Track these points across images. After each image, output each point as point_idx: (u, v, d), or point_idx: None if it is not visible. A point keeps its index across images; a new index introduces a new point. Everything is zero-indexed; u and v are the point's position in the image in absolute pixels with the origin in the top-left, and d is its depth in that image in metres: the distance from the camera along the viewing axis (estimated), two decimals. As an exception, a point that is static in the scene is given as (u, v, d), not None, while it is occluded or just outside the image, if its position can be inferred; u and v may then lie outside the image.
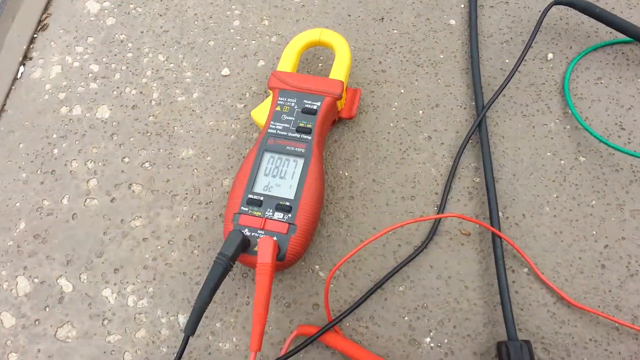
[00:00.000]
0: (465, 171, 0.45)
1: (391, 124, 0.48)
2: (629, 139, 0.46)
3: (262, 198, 0.40)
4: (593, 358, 0.38)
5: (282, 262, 0.38)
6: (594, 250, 0.41)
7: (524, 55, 0.47)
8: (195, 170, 0.46)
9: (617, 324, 0.39)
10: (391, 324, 0.40)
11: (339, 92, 0.44)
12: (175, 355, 0.36)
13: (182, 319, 0.41)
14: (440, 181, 0.45)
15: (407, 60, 0.51)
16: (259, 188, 0.40)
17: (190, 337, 0.37)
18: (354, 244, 0.43)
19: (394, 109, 0.49)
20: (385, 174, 0.45)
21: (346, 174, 0.46)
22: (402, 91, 0.50)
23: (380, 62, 0.51)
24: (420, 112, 0.49)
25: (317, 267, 0.42)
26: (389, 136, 0.47)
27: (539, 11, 0.52)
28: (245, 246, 0.37)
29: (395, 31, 0.52)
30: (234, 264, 0.37)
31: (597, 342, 0.39)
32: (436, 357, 0.39)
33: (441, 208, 0.43)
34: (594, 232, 0.42)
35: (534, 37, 0.48)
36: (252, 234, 0.38)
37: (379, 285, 0.40)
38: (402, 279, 0.41)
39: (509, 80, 0.47)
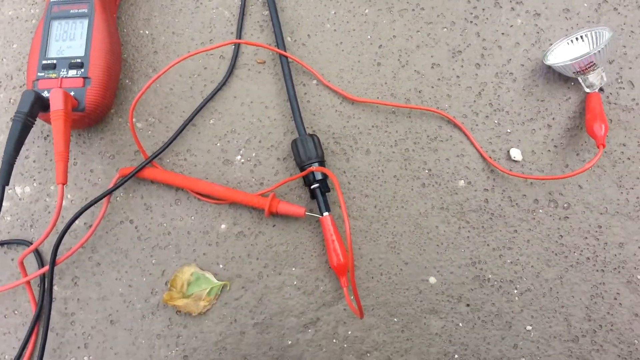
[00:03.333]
0: (254, 7, 0.49)
1: (187, -20, 0.50)
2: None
3: (55, 61, 0.43)
4: (376, 140, 0.45)
5: (85, 112, 0.42)
6: (370, 52, 0.47)
7: None
8: (4, 60, 0.48)
9: (393, 108, 0.46)
10: (206, 152, 0.46)
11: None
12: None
13: (19, 190, 0.45)
14: (233, 21, 0.48)
15: None
16: (52, 53, 0.43)
17: (7, 187, 0.44)
18: (164, 94, 0.47)
19: (188, -35, 0.51)
20: (183, 25, 0.49)
21: (147, 32, 0.48)
22: (195, -53, 0.51)
23: None
24: (213, -37, 0.51)
25: (134, 120, 0.47)
26: (186, -8, 0.50)
27: None
28: (44, 106, 0.41)
29: None
30: (35, 120, 0.40)
31: (378, 127, 0.46)
32: (247, 170, 0.45)
33: (237, 45, 0.47)
34: (369, 37, 0.47)
35: None
36: (53, 95, 0.42)
37: (188, 121, 0.45)
38: (211, 113, 0.46)
39: None
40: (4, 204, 0.45)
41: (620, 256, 0.42)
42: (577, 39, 0.45)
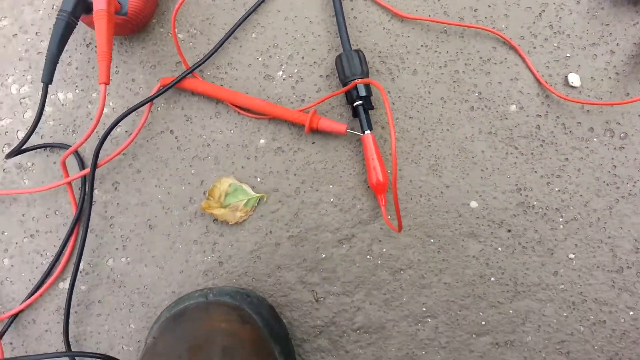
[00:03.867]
0: None
1: None
2: None
3: (99, -38, 0.42)
4: (424, 60, 0.43)
5: (128, 17, 0.41)
6: (423, -34, 0.44)
7: None
8: (47, -36, 0.48)
9: (445, 26, 0.44)
10: (247, 66, 0.45)
11: None
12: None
13: (62, 96, 0.46)
14: None
15: None
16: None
17: (51, 86, 0.45)
18: (206, 5, 0.45)
19: None
20: None
21: (190, -61, 0.47)
22: None
23: None
24: None
25: (175, 31, 0.46)
26: None
27: None
28: (87, 7, 0.40)
29: None
30: (78, 20, 0.39)
31: (427, 46, 0.43)
32: (288, 86, 0.44)
33: (284, -44, 0.45)
34: (424, -51, 0.45)
35: None
36: (94, -5, 0.41)
37: (230, 33, 0.44)
38: (253, 27, 0.45)
39: None
40: (47, 108, 0.46)
41: (677, 190, 0.40)
42: (653, -45, 0.41)
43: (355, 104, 0.42)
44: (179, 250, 0.44)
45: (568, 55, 0.42)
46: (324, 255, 0.43)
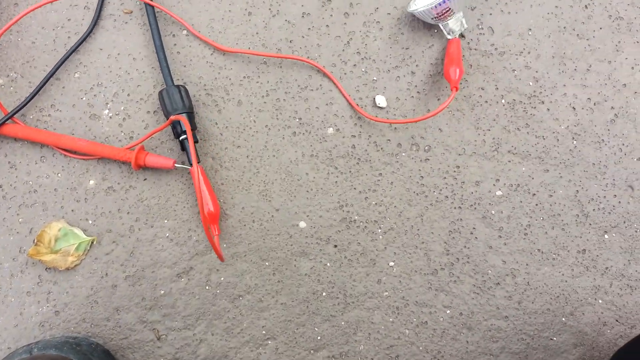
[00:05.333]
0: (120, -43, 0.47)
1: None
2: None
3: None
4: (247, 91, 0.46)
5: None
6: (241, 1, 0.46)
7: None
8: None
9: (264, 58, 0.46)
10: (71, 106, 0.45)
11: None
12: None
13: None
14: (97, -29, 0.47)
15: None
16: None
17: None
18: (26, 47, 0.45)
19: None
20: (44, -25, 0.46)
21: (4, -17, 0.46)
22: None
23: None
24: None
25: (-8, 75, 0.45)
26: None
27: None
28: None
29: None
30: None
31: (249, 77, 0.46)
32: (115, 124, 0.44)
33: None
34: (239, -14, 0.47)
35: None
36: None
37: (50, 75, 0.44)
38: (75, 67, 0.45)
39: None
40: None
41: (476, 193, 0.45)
42: (439, -14, 0.46)
43: (181, 138, 0.43)
44: (11, 304, 0.43)
45: (375, 78, 0.46)
46: (162, 292, 0.43)
